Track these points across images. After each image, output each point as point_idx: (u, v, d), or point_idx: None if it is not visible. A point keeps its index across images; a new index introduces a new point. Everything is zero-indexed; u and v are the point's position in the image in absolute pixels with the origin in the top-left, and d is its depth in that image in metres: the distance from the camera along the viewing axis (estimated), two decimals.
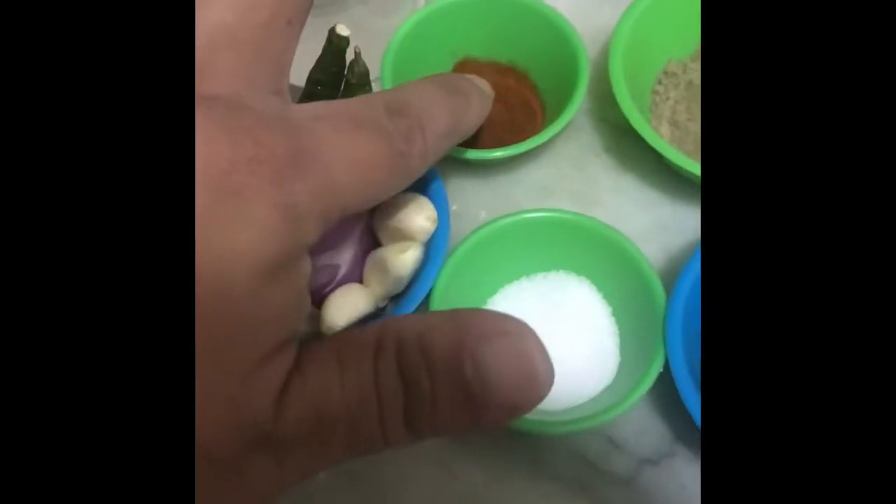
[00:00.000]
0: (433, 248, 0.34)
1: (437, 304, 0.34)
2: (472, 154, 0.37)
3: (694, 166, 0.36)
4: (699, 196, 0.39)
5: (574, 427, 0.31)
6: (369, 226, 0.35)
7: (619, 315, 0.35)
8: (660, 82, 0.42)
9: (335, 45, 0.33)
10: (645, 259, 0.34)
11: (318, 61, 0.34)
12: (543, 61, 0.41)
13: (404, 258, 0.33)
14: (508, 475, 0.34)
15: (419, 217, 0.33)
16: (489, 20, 0.41)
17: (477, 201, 0.40)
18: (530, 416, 0.31)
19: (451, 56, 0.42)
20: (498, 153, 0.37)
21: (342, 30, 0.33)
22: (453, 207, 0.39)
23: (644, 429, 0.34)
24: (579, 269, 0.36)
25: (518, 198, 0.40)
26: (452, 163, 0.39)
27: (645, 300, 0.33)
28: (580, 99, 0.37)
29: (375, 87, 0.37)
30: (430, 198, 0.34)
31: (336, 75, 0.34)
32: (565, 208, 0.36)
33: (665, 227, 0.39)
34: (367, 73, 0.34)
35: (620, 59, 0.38)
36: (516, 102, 0.42)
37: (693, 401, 0.30)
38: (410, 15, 0.40)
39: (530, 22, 0.41)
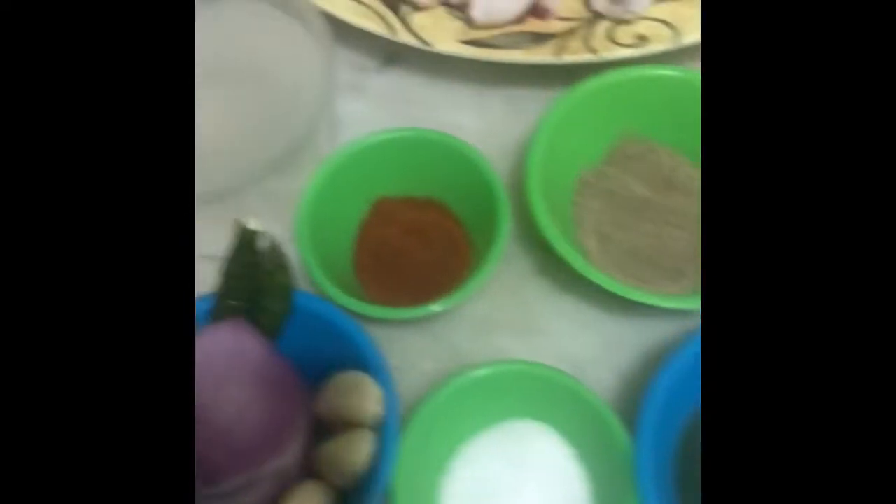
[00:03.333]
0: (386, 427, 0.32)
1: (402, 488, 0.32)
2: (412, 312, 0.35)
3: (618, 287, 0.35)
4: (640, 308, 0.39)
5: None
6: (311, 415, 0.33)
7: (586, 459, 0.34)
8: (579, 193, 0.41)
9: (246, 240, 0.31)
10: (599, 400, 0.33)
11: (231, 258, 0.32)
12: (460, 191, 0.40)
13: (359, 451, 0.31)
14: None
15: (366, 403, 0.31)
16: (398, 158, 0.40)
17: (418, 352, 0.39)
18: None
19: (365, 201, 0.41)
20: (437, 307, 0.35)
21: (253, 223, 0.31)
22: (394, 363, 0.38)
23: None
24: (538, 416, 0.35)
25: (459, 339, 0.39)
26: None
27: (607, 443, 0.32)
28: (506, 234, 0.36)
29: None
30: (371, 371, 0.33)
31: (252, 266, 0.32)
32: (508, 343, 0.35)
33: (611, 345, 0.38)
34: (283, 256, 0.33)
35: (537, 181, 0.37)
36: (438, 237, 0.40)
37: None
38: (314, 172, 0.38)
39: (440, 154, 0.40)
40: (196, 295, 0.34)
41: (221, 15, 0.39)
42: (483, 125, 0.45)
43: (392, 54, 0.47)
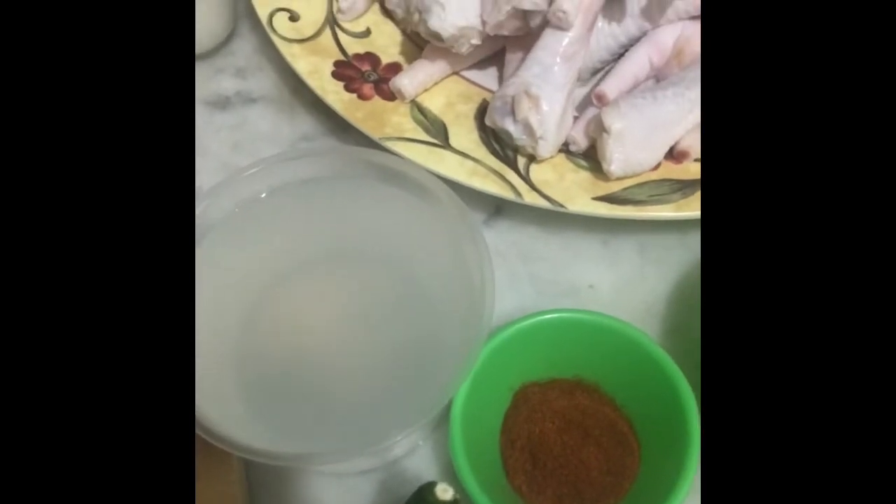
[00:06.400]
0: None
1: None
2: None
3: None
4: None
5: None
6: None
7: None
8: None
9: None
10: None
11: None
12: (617, 372, 0.35)
13: None
14: None
15: None
16: (544, 341, 0.35)
17: None
18: None
19: (508, 390, 0.36)
20: None
21: (444, 492, 0.26)
22: None
23: None
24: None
25: None
26: None
27: None
28: (696, 452, 0.31)
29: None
30: None
31: None
32: None
33: None
34: None
35: None
36: (599, 428, 0.35)
37: None
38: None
39: (594, 336, 0.35)
40: None
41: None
42: (616, 280, 0.40)
43: (499, 205, 0.42)
